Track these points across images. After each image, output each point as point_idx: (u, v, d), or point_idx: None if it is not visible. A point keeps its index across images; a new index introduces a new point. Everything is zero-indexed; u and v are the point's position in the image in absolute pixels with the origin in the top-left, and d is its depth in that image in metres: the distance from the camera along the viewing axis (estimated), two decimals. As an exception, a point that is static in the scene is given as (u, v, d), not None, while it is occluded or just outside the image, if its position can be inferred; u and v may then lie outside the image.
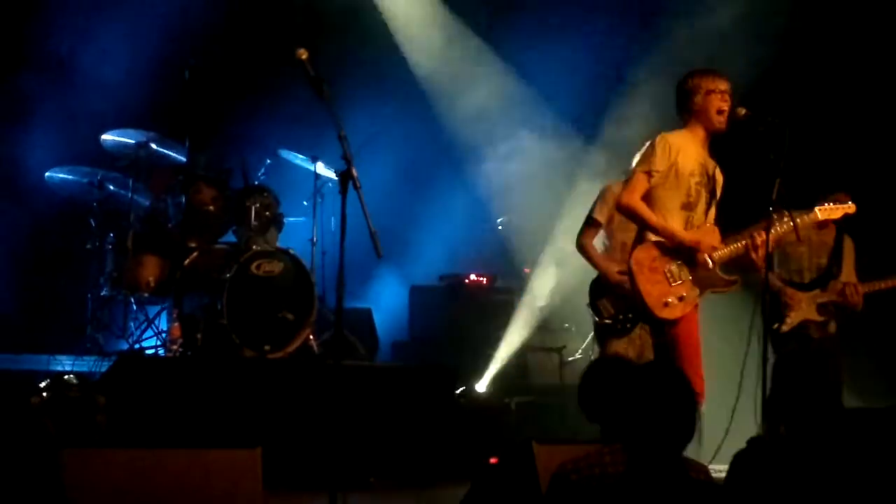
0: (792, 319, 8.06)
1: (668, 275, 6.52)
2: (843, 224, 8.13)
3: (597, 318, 7.50)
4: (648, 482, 3.92)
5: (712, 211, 6.73)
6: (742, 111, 6.57)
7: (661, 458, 3.93)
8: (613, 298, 7.37)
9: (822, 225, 8.14)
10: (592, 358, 7.52)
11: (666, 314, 6.49)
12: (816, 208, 7.00)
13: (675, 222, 6.56)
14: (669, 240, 6.53)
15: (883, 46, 9.56)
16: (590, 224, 7.76)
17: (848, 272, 8.29)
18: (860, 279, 8.26)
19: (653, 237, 6.59)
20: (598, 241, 7.78)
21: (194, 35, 10.05)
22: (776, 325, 8.00)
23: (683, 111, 6.69)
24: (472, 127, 11.21)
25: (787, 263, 8.28)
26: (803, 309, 8.12)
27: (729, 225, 6.82)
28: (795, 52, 9.82)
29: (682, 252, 6.54)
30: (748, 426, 6.37)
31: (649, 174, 6.55)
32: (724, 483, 4.24)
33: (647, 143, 6.68)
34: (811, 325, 8.15)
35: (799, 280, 8.20)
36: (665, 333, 6.56)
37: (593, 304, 7.51)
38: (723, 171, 6.78)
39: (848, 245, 8.34)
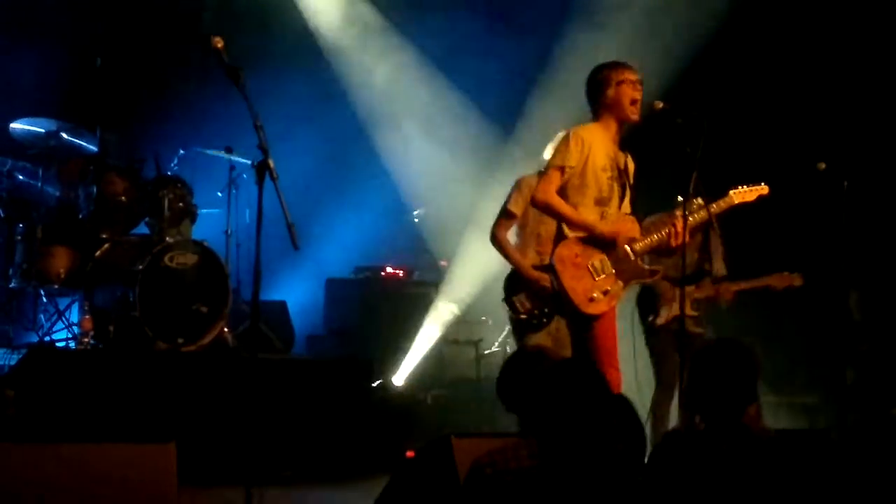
0: (666, 313, 8.08)
1: (592, 269, 6.53)
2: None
3: (512, 314, 7.48)
4: (563, 476, 3.91)
5: (626, 202, 6.75)
6: (659, 104, 6.58)
7: (575, 453, 3.92)
8: (529, 293, 7.35)
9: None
10: (510, 351, 7.50)
11: (592, 309, 6.50)
12: (731, 192, 7.01)
13: (590, 218, 6.58)
14: (587, 232, 6.54)
15: (800, 37, 9.67)
16: (504, 216, 7.71)
17: (718, 266, 8.33)
18: (736, 278, 8.31)
19: (573, 233, 6.59)
20: (510, 234, 7.76)
21: (106, 22, 9.90)
22: (651, 318, 8.06)
23: (595, 104, 6.69)
24: (387, 117, 11.19)
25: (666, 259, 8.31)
26: (677, 303, 8.17)
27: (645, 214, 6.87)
28: (712, 45, 9.90)
29: (603, 245, 6.56)
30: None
31: (562, 169, 6.55)
32: (643, 476, 4.25)
33: (560, 138, 6.69)
34: (687, 320, 8.18)
35: (675, 275, 8.22)
36: (589, 328, 6.56)
37: (508, 300, 7.49)
38: (634, 160, 6.80)
39: (714, 240, 8.36)
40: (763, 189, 7.06)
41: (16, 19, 9.96)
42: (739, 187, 7.02)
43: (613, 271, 6.55)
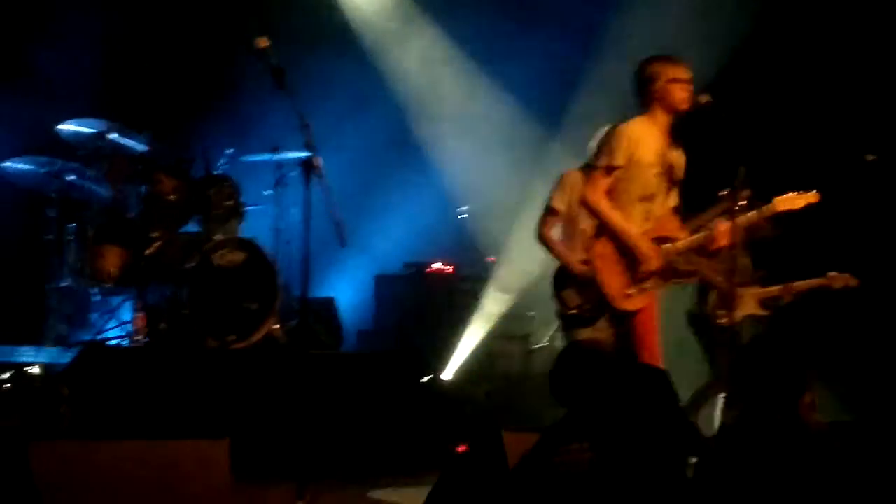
0: (739, 314, 8.08)
1: (630, 266, 6.51)
2: None
3: (562, 309, 7.48)
4: (614, 470, 3.92)
5: (672, 197, 6.72)
6: (705, 98, 6.55)
7: (628, 447, 3.93)
8: (578, 288, 7.35)
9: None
10: (559, 346, 7.50)
11: (628, 305, 6.49)
12: (775, 199, 6.74)
13: (634, 215, 6.55)
14: (628, 243, 6.50)
15: (846, 25, 9.60)
16: (549, 213, 7.72)
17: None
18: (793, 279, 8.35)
19: None
20: (556, 230, 7.76)
21: (153, 23, 9.96)
22: (721, 316, 8.06)
23: (643, 97, 6.65)
24: (435, 113, 11.20)
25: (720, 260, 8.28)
26: (748, 304, 8.17)
27: (689, 212, 6.84)
28: (759, 41, 9.85)
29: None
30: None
31: (610, 170, 6.52)
32: (694, 472, 4.24)
33: (606, 136, 6.67)
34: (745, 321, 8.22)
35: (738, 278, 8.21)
36: (625, 324, 6.55)
37: (557, 295, 7.49)
38: (685, 153, 6.77)
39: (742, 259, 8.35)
40: (812, 197, 6.71)
41: (64, 21, 10.03)
42: (788, 193, 6.71)
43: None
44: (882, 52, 9.50)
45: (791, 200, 6.74)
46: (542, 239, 7.64)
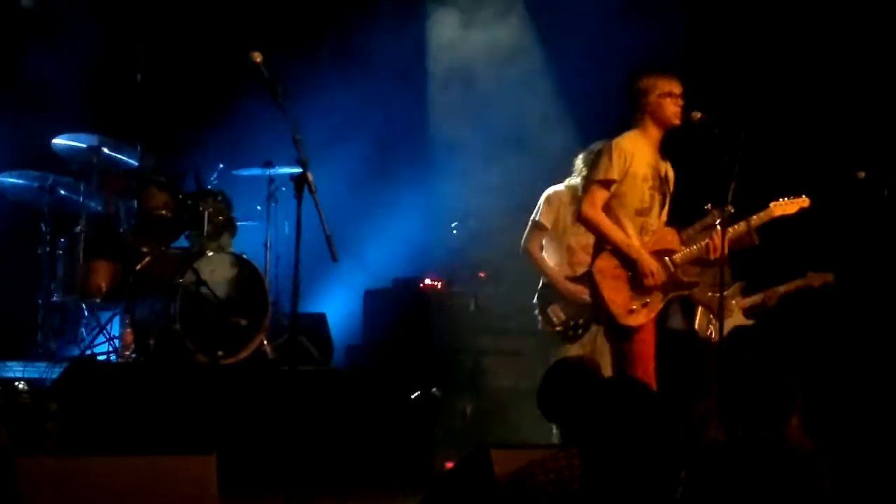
0: (727, 326, 8.10)
1: (631, 281, 6.48)
2: None
3: (547, 326, 7.49)
4: (605, 486, 3.91)
5: (665, 211, 6.71)
6: (697, 114, 6.56)
7: (618, 464, 3.92)
8: (563, 305, 7.37)
9: None
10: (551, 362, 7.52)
11: (631, 321, 6.43)
12: (771, 204, 6.85)
13: (630, 229, 6.53)
14: (631, 257, 6.46)
15: (838, 45, 9.61)
16: (535, 228, 7.74)
17: None
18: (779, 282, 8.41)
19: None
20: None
21: (147, 37, 9.95)
22: (709, 332, 8.09)
23: (636, 110, 6.64)
24: (429, 126, 11.19)
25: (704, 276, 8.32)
26: (735, 316, 8.21)
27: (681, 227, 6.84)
28: (750, 53, 9.86)
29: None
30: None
31: (607, 184, 6.50)
32: (681, 487, 4.23)
33: (599, 151, 6.67)
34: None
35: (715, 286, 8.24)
36: (628, 340, 6.51)
37: (542, 311, 7.50)
38: (674, 168, 6.77)
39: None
40: (804, 201, 6.88)
41: (58, 36, 10.03)
42: (780, 199, 6.86)
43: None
44: (875, 68, 9.51)
45: (786, 206, 6.85)
46: (529, 254, 7.68)
